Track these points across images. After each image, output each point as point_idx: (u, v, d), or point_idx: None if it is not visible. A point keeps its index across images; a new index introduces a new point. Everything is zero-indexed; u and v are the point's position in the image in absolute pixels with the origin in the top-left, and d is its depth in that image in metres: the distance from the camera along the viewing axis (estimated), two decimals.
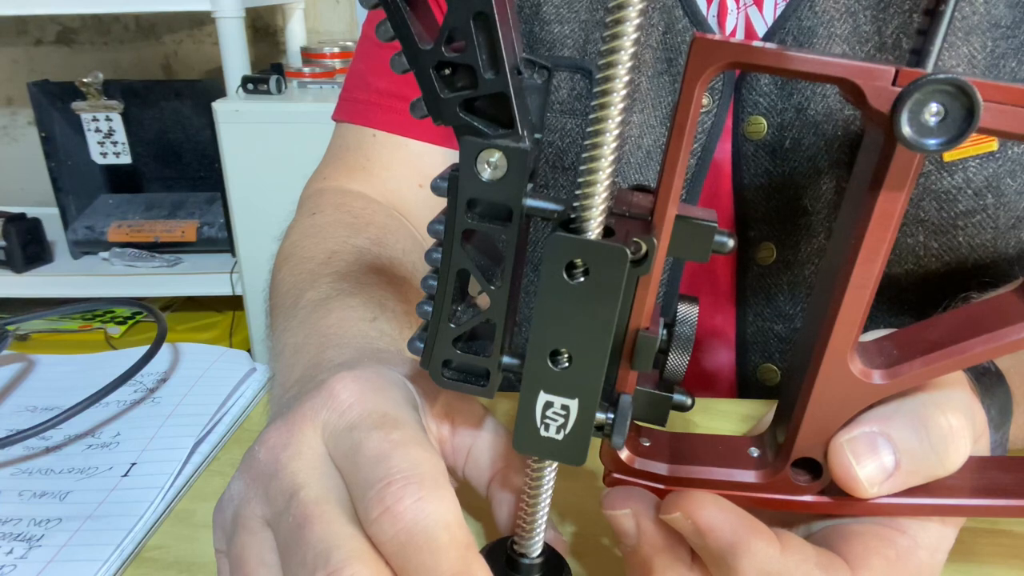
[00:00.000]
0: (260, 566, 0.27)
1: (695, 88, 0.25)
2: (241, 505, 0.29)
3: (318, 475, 0.27)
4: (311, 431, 0.28)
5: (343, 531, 0.25)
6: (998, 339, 0.28)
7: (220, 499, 0.30)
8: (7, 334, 0.56)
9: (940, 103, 0.23)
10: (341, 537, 0.25)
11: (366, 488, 0.26)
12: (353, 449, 0.27)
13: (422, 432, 0.29)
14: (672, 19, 0.54)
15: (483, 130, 0.26)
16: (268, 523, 0.28)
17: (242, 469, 0.30)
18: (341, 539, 0.25)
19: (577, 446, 0.27)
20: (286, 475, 0.27)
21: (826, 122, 0.52)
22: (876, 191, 0.26)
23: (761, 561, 0.28)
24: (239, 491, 0.29)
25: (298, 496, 0.27)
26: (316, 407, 0.29)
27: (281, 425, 0.29)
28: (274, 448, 0.28)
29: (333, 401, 0.29)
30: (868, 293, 0.27)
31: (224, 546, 0.29)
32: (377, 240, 0.53)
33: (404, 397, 0.30)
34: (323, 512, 0.26)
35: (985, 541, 0.40)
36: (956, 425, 0.29)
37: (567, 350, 0.26)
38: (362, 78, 0.63)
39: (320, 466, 0.28)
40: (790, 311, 0.57)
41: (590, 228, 0.25)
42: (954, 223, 0.52)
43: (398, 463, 0.26)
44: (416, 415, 0.30)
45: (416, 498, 0.25)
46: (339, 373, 0.30)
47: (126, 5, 1.71)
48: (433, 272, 0.28)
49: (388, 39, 0.25)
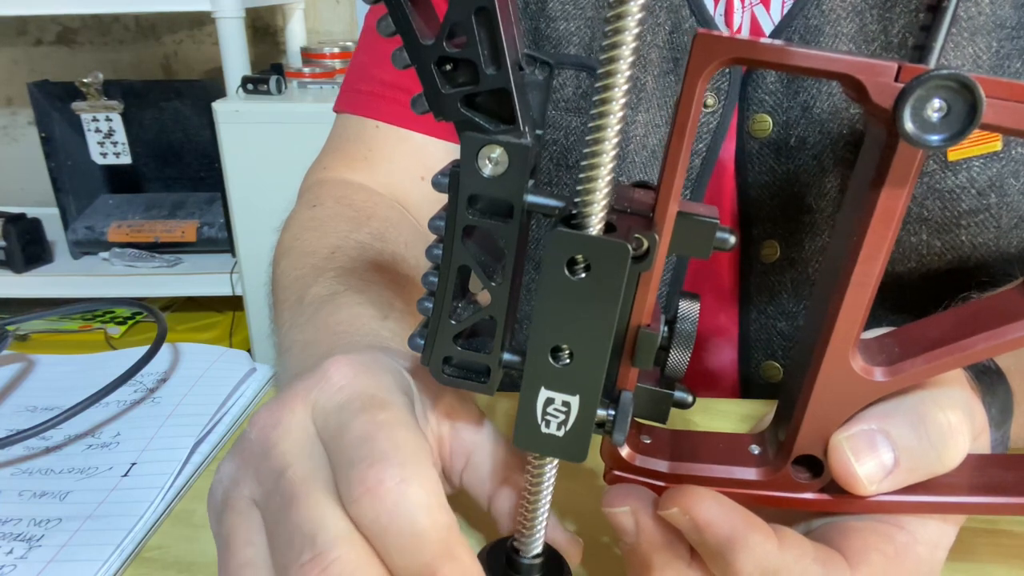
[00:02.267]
0: (246, 545, 0.26)
1: (697, 83, 0.24)
2: (231, 486, 0.28)
3: (306, 454, 0.27)
4: (301, 410, 0.28)
5: (329, 511, 0.25)
6: (1000, 336, 0.28)
7: (212, 482, 0.30)
8: (7, 334, 0.56)
9: (943, 99, 0.23)
10: (327, 517, 0.25)
11: (348, 468, 0.25)
12: (339, 429, 0.27)
13: (410, 415, 0.28)
14: (679, 18, 0.54)
15: (484, 126, 0.26)
16: (257, 503, 0.28)
17: (233, 451, 0.30)
18: (327, 519, 0.25)
19: (578, 443, 0.27)
20: (275, 454, 0.27)
21: (832, 120, 0.52)
22: (878, 188, 0.26)
23: (759, 556, 0.28)
24: (229, 472, 0.29)
25: (286, 475, 0.26)
26: (309, 387, 0.29)
27: (272, 404, 0.29)
28: (264, 427, 0.28)
29: (325, 382, 0.29)
30: (870, 290, 0.27)
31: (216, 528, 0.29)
32: (379, 235, 0.53)
33: (396, 382, 0.30)
34: (309, 492, 0.26)
35: (985, 541, 0.40)
36: (955, 422, 0.29)
37: (568, 346, 0.26)
38: (365, 69, 0.63)
39: (308, 445, 0.27)
40: (793, 309, 0.57)
41: (591, 224, 0.24)
42: (957, 222, 0.52)
43: (382, 444, 0.25)
44: (406, 400, 0.30)
45: (398, 479, 0.24)
46: (334, 356, 0.30)
47: (126, 5, 1.71)
48: (434, 268, 0.28)
49: (389, 34, 0.25)
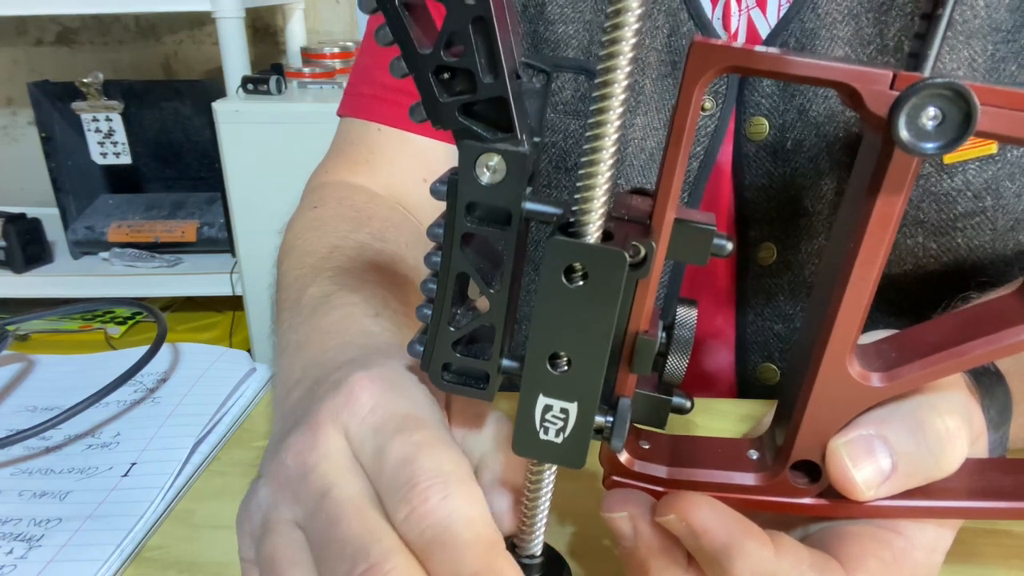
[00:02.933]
0: (292, 566, 0.27)
1: (694, 91, 0.25)
2: (269, 510, 0.29)
3: (347, 475, 0.28)
4: (334, 433, 0.29)
5: (379, 527, 0.26)
6: (998, 341, 0.28)
7: (245, 507, 0.30)
8: (7, 334, 0.56)
9: (938, 107, 0.23)
10: (378, 533, 0.26)
11: (393, 491, 0.26)
12: (378, 452, 0.27)
13: (445, 431, 0.29)
14: (677, 22, 0.54)
15: (482, 134, 0.26)
16: (298, 524, 0.28)
17: (267, 476, 0.30)
18: (379, 534, 0.25)
19: (576, 449, 0.27)
20: (315, 476, 0.28)
21: (828, 123, 0.52)
22: (874, 194, 0.26)
23: (755, 562, 0.28)
24: (266, 497, 0.29)
25: (330, 495, 0.27)
26: (337, 408, 0.29)
27: (305, 429, 0.29)
28: (300, 452, 0.28)
29: (354, 403, 0.29)
30: (867, 295, 0.27)
31: (251, 554, 0.29)
32: (379, 235, 0.53)
33: (424, 395, 0.30)
34: (358, 509, 0.26)
35: (985, 541, 0.40)
36: (952, 427, 0.29)
37: (566, 354, 0.26)
38: (367, 73, 0.63)
39: (348, 466, 0.28)
40: (790, 311, 0.57)
41: (589, 232, 0.24)
42: (953, 225, 0.52)
43: (423, 464, 0.26)
44: (438, 413, 0.30)
45: (442, 496, 0.25)
46: (356, 373, 0.30)
47: (126, 5, 1.71)
48: (433, 275, 0.28)
49: (387, 43, 0.25)
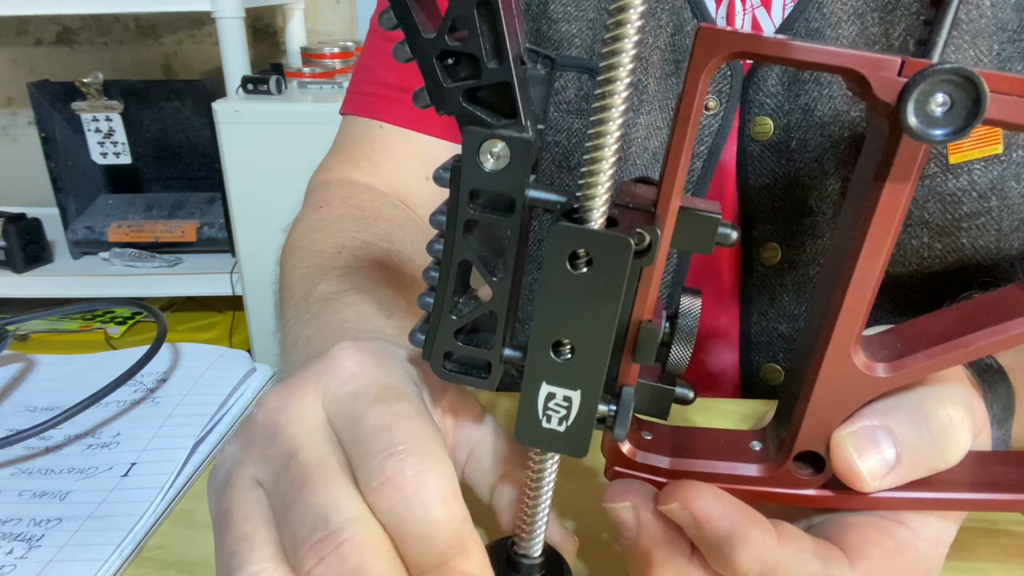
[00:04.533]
0: (245, 520, 0.26)
1: (700, 77, 0.24)
2: (235, 465, 0.28)
3: (317, 439, 0.27)
4: (312, 396, 0.28)
5: (343, 494, 0.25)
6: (1002, 332, 0.28)
7: (214, 466, 0.30)
8: (7, 334, 0.56)
9: (946, 93, 0.23)
10: (341, 499, 0.25)
11: (367, 457, 0.26)
12: (355, 418, 0.27)
13: (424, 406, 0.29)
14: (681, 21, 0.54)
15: (486, 120, 0.25)
16: (261, 483, 0.28)
17: (238, 433, 0.29)
18: (341, 501, 0.25)
19: (579, 438, 0.27)
20: (285, 437, 0.27)
21: (833, 123, 0.52)
22: (881, 183, 0.26)
23: (758, 551, 0.27)
24: (233, 454, 0.29)
25: (297, 458, 0.26)
26: (318, 373, 0.29)
27: (281, 389, 0.29)
28: (272, 411, 0.28)
29: (336, 368, 0.29)
30: (872, 286, 0.27)
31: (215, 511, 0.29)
32: (386, 235, 0.53)
33: (406, 372, 0.30)
34: (324, 474, 0.26)
35: (985, 541, 0.40)
36: (956, 417, 0.29)
37: (570, 341, 0.26)
38: (370, 71, 0.63)
39: (320, 430, 0.28)
40: (794, 311, 0.57)
41: (593, 218, 0.24)
42: (958, 225, 0.51)
43: (400, 435, 0.26)
44: (417, 390, 0.30)
45: (417, 470, 0.25)
46: (342, 343, 0.30)
47: (126, 5, 1.71)
48: (435, 263, 0.28)
49: (391, 27, 0.25)
